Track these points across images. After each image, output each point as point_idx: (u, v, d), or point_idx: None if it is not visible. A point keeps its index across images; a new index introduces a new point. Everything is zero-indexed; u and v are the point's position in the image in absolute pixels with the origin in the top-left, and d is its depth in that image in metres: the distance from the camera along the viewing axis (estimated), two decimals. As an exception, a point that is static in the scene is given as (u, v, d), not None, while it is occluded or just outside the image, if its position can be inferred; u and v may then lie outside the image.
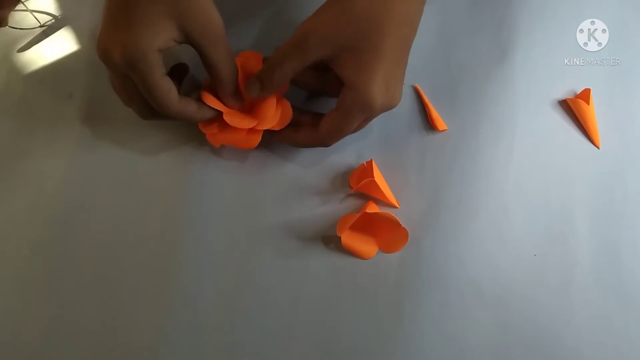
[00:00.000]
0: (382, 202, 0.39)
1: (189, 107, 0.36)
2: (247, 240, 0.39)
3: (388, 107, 0.35)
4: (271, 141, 0.40)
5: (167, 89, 0.34)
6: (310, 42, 0.33)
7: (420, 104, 0.42)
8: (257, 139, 0.38)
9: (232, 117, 0.37)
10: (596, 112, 0.41)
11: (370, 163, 0.39)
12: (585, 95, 0.41)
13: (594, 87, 0.41)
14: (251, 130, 0.37)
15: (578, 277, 0.39)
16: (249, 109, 0.39)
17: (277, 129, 0.38)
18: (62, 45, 0.43)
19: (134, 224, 0.39)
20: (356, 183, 0.39)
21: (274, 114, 0.38)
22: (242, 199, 0.40)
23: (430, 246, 0.39)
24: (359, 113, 0.34)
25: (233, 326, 0.38)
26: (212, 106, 0.37)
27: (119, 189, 0.40)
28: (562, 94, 0.42)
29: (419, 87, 0.42)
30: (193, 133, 0.40)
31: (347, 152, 0.41)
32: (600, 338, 0.38)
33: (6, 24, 0.39)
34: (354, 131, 0.37)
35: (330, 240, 0.39)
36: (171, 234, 0.39)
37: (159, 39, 0.32)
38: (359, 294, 0.38)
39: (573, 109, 0.41)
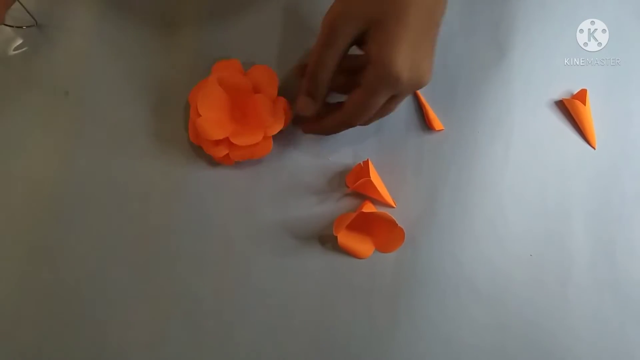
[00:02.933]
0: (379, 201, 0.39)
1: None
2: (244, 240, 0.39)
3: (416, 83, 0.34)
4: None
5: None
6: (341, 25, 0.33)
7: (417, 103, 0.42)
8: (270, 145, 0.39)
9: (239, 138, 0.37)
10: (592, 113, 0.41)
11: (366, 163, 0.39)
12: (581, 95, 0.41)
13: (591, 87, 0.41)
14: (262, 139, 0.38)
15: (574, 277, 0.39)
16: (244, 119, 0.39)
17: (283, 127, 0.38)
18: (58, 43, 0.43)
19: (130, 223, 0.39)
20: (353, 183, 0.39)
21: (277, 116, 0.38)
22: (239, 199, 0.40)
23: (426, 246, 0.39)
24: (384, 88, 0.33)
25: (229, 325, 0.38)
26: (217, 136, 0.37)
27: (114, 188, 0.40)
28: (558, 95, 0.42)
29: (416, 87, 0.42)
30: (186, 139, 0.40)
31: (343, 152, 0.41)
32: (596, 338, 0.38)
33: (2, 22, 0.39)
34: (385, 113, 0.36)
35: (326, 239, 0.39)
36: (167, 234, 0.39)
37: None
38: (356, 293, 0.38)
39: (569, 110, 0.41)
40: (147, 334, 0.38)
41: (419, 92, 0.42)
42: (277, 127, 0.38)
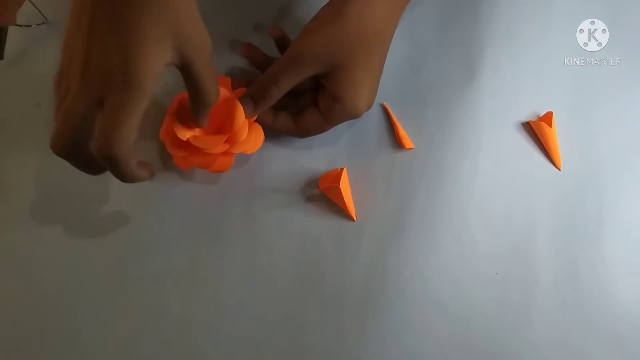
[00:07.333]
0: (342, 211, 0.40)
1: (133, 160, 0.31)
2: (213, 252, 0.39)
3: (366, 111, 0.39)
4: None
5: (136, 127, 0.29)
6: (306, 61, 0.36)
7: (389, 122, 0.43)
8: (230, 162, 0.38)
9: (201, 141, 0.36)
10: (558, 134, 0.42)
11: (342, 170, 0.39)
12: (547, 118, 0.42)
13: (557, 109, 0.42)
14: (224, 153, 0.38)
15: (538, 296, 0.39)
16: (217, 131, 0.38)
17: (249, 152, 0.38)
18: (30, 54, 0.43)
19: (100, 236, 0.39)
20: (323, 185, 0.40)
21: (247, 138, 0.38)
22: (209, 210, 0.40)
23: (395, 262, 0.39)
24: (343, 120, 0.39)
25: (198, 338, 0.38)
26: (182, 136, 0.35)
27: (84, 201, 0.40)
28: (525, 116, 0.43)
29: (387, 106, 0.43)
30: (159, 148, 0.40)
31: (316, 164, 0.41)
32: (559, 357, 0.38)
33: (14, 23, 0.38)
34: None
35: (296, 253, 0.39)
36: (136, 248, 0.39)
37: (160, 63, 0.29)
38: (324, 309, 0.39)
39: (536, 131, 0.42)
40: (116, 345, 0.37)
41: (390, 110, 0.43)
42: (241, 148, 0.38)
